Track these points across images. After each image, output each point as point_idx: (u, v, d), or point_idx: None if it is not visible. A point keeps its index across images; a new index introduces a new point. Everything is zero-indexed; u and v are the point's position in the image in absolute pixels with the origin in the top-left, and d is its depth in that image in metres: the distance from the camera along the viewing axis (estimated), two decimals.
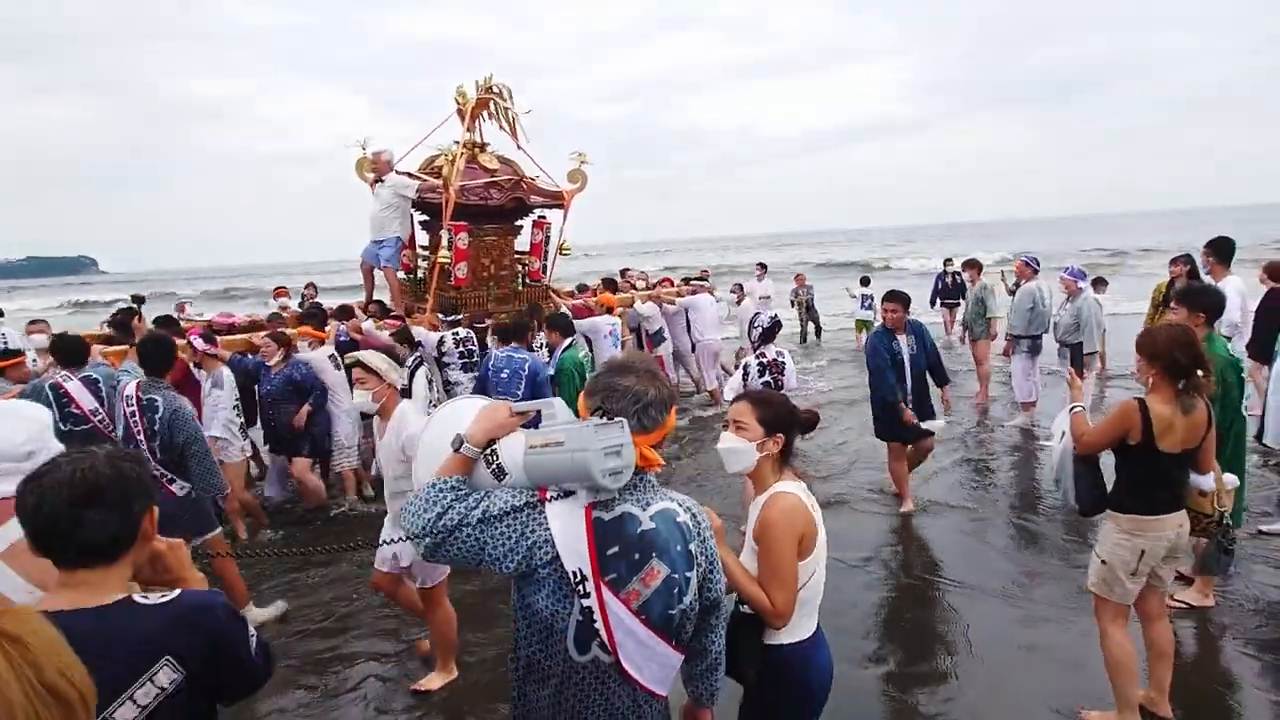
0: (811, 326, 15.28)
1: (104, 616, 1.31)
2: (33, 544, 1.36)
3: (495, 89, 7.68)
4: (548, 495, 1.63)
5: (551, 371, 5.80)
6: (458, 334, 6.38)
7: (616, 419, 1.63)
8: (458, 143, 7.66)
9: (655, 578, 1.63)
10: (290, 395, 5.75)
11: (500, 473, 1.67)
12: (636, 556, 1.63)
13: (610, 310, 8.01)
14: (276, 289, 10.76)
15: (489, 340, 6.38)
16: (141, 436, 4.08)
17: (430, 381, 5.74)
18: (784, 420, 2.20)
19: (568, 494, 1.63)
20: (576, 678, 1.64)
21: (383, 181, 7.20)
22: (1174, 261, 7.47)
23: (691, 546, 1.71)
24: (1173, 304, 4.41)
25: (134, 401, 4.13)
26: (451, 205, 7.09)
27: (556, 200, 8.03)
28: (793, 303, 15.35)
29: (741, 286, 12.54)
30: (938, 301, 14.46)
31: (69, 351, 4.80)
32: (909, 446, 5.67)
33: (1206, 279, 6.23)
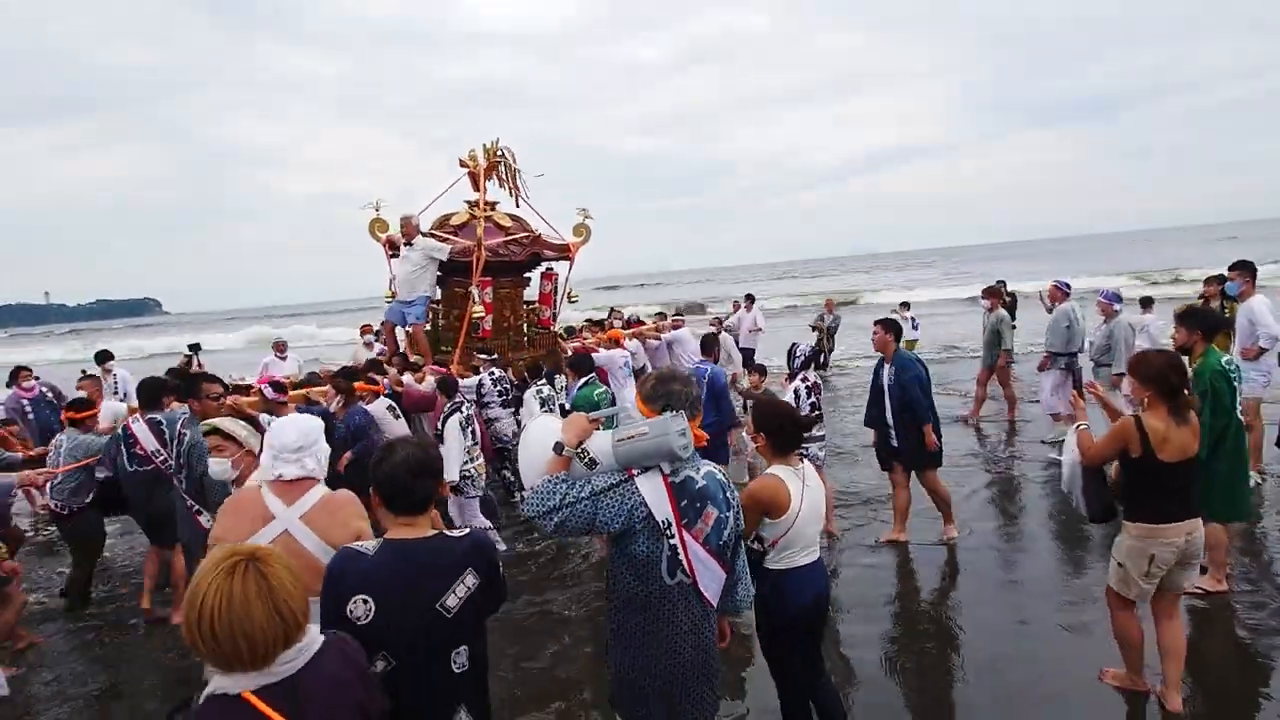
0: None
1: (431, 542, 2.09)
2: (382, 500, 2.12)
3: (502, 153, 8.30)
4: (634, 472, 2.31)
5: (568, 405, 6.28)
6: (494, 374, 7.06)
7: (679, 411, 2.34)
8: (469, 203, 8.27)
9: (710, 518, 2.35)
10: (346, 442, 5.91)
11: (592, 463, 2.33)
12: (698, 505, 2.34)
13: (619, 344, 8.60)
14: (363, 326, 11.60)
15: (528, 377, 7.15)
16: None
17: (464, 428, 5.92)
18: (766, 424, 3.06)
19: (645, 470, 2.31)
20: (668, 599, 2.32)
21: (411, 244, 7.67)
22: (1207, 282, 8.24)
23: (727, 495, 2.43)
24: (1174, 325, 4.92)
25: (154, 441, 4.67)
26: (482, 263, 7.66)
27: (563, 253, 8.61)
28: (814, 327, 15.53)
29: (737, 305, 14.16)
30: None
31: (146, 394, 5.20)
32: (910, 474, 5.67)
33: (1234, 296, 6.95)
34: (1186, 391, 3.41)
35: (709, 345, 7.07)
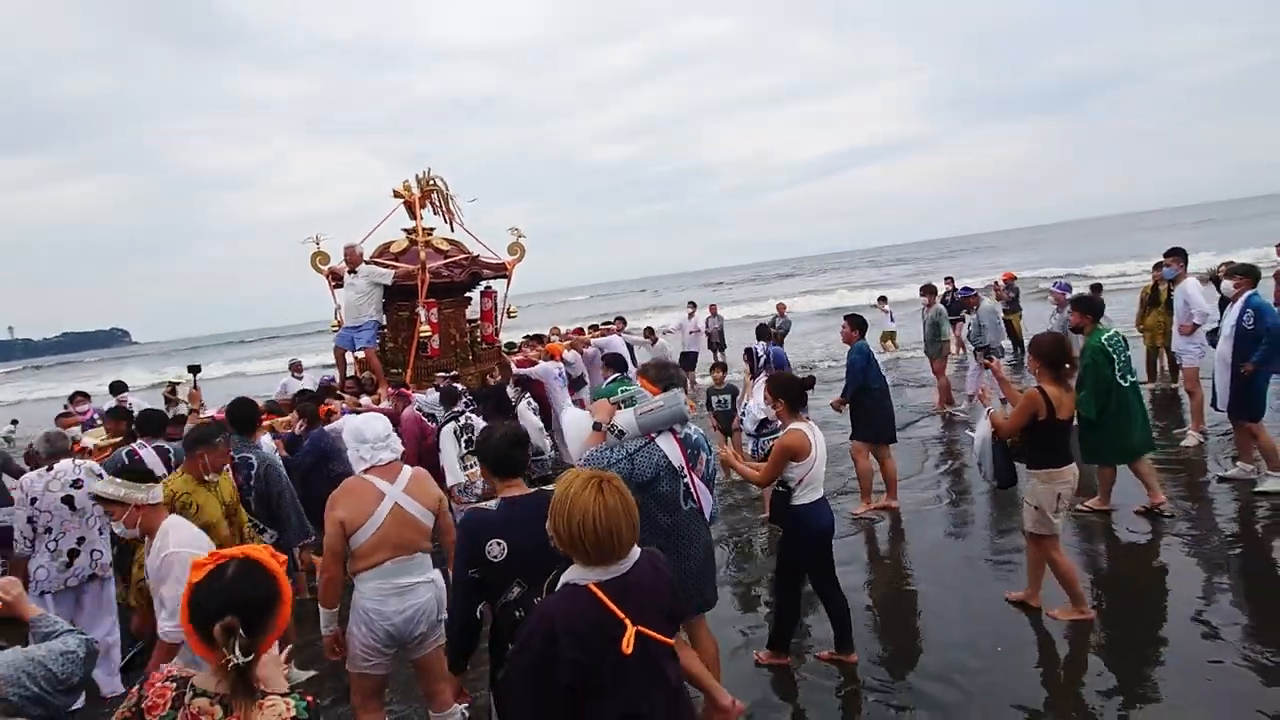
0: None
1: (534, 497, 2.68)
2: (489, 469, 2.78)
3: (434, 181, 8.78)
4: (652, 436, 3.23)
5: (592, 405, 6.78)
6: (457, 387, 7.35)
7: (677, 389, 3.39)
8: (406, 230, 8.71)
9: (703, 460, 3.38)
10: (316, 463, 6.02)
11: (620, 434, 3.18)
12: (695, 451, 3.36)
13: (554, 357, 9.16)
14: (292, 363, 12.40)
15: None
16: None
17: (458, 437, 6.07)
18: (784, 391, 4.13)
19: (660, 433, 3.26)
20: (684, 522, 3.27)
21: (355, 272, 8.07)
22: (1155, 267, 9.23)
23: (709, 444, 3.49)
24: (1069, 309, 6.37)
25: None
26: (426, 286, 8.11)
27: (500, 271, 9.12)
28: (771, 330, 16.05)
29: (694, 304, 15.65)
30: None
31: (147, 422, 5.50)
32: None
33: (1170, 280, 8.08)
34: (1069, 365, 4.39)
35: (764, 333, 8.92)
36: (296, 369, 11.88)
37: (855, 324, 6.77)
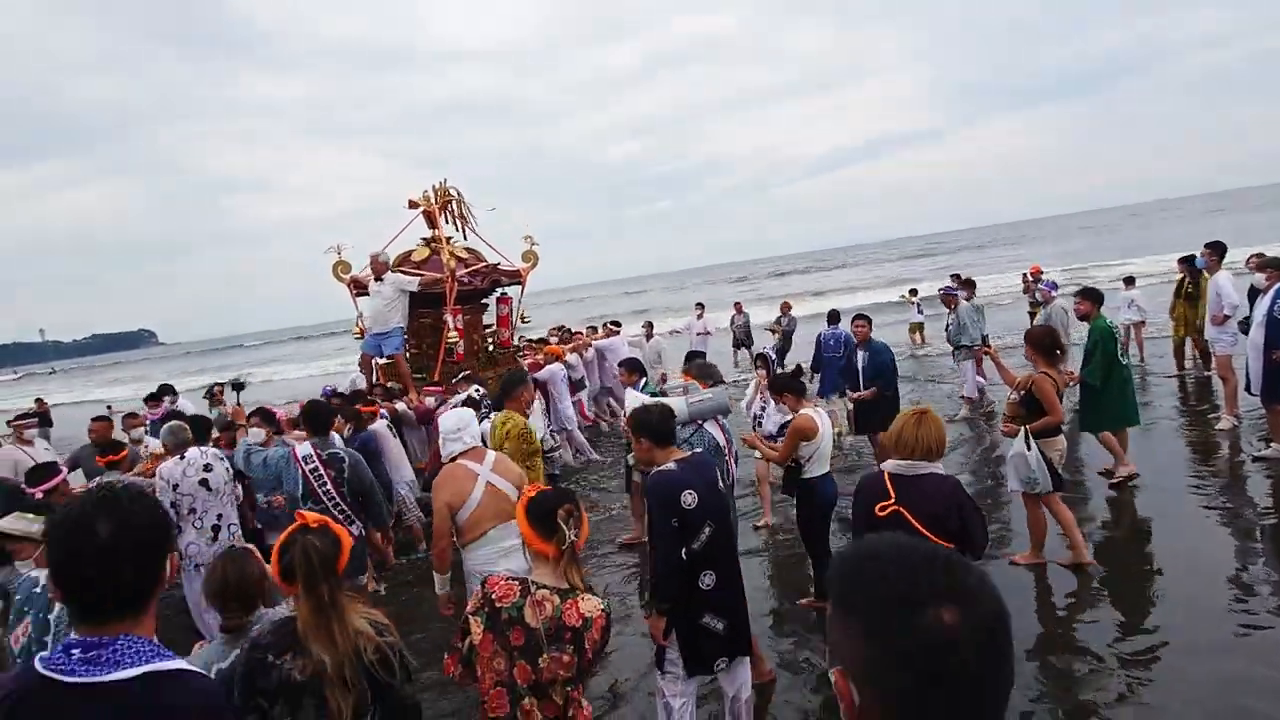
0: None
1: (693, 458, 3.34)
2: (653, 441, 3.34)
3: (451, 192, 8.93)
4: (700, 422, 4.09)
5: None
6: (480, 391, 7.68)
7: (723, 385, 4.53)
8: (425, 240, 8.85)
9: (731, 443, 4.25)
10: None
11: (673, 417, 3.65)
12: (730, 434, 4.27)
13: (559, 359, 9.35)
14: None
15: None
16: (330, 486, 4.79)
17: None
18: (788, 386, 5.22)
19: (705, 420, 4.12)
20: (725, 493, 3.57)
21: (382, 280, 8.18)
22: (1181, 260, 9.72)
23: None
24: (1075, 296, 7.00)
25: (314, 459, 4.83)
26: (454, 293, 8.26)
27: (515, 278, 9.25)
28: (772, 330, 16.03)
29: (701, 305, 16.07)
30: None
31: (205, 428, 5.72)
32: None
33: (1205, 270, 8.39)
34: (1059, 351, 5.19)
35: (834, 317, 10.20)
36: (364, 365, 11.81)
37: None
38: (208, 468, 5.07)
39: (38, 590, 2.51)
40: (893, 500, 3.11)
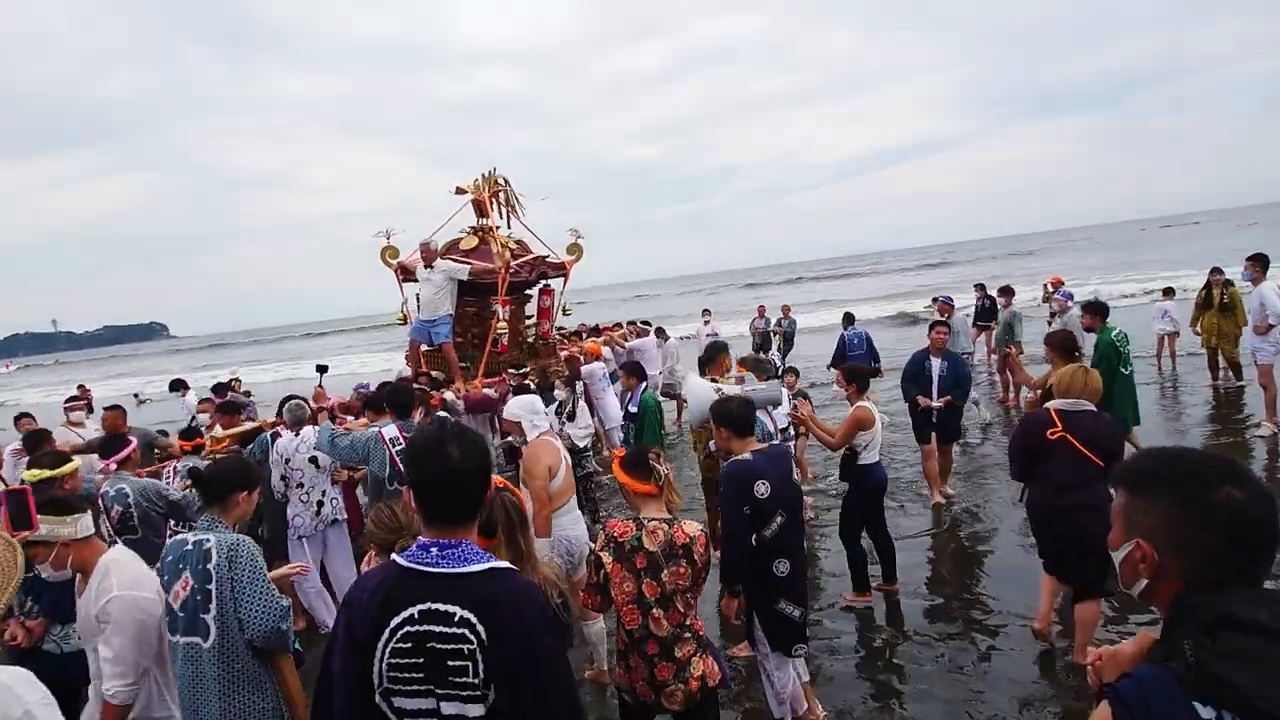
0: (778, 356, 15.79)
1: (774, 449, 3.71)
2: (732, 431, 3.54)
3: (501, 180, 8.99)
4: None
5: (634, 409, 7.16)
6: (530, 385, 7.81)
7: (777, 380, 5.52)
8: (473, 229, 8.94)
9: (780, 431, 5.26)
10: None
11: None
12: (776, 422, 5.11)
13: (598, 357, 9.47)
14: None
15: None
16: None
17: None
18: (855, 378, 5.36)
19: (758, 410, 4.20)
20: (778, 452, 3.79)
21: (431, 268, 8.21)
22: (1213, 271, 10.01)
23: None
24: (1082, 312, 7.63)
25: (400, 441, 5.06)
26: (506, 284, 8.31)
27: (560, 271, 9.34)
28: (773, 332, 16.11)
29: (709, 311, 16.57)
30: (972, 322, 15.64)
31: (294, 417, 5.86)
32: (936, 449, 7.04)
33: (1247, 283, 8.54)
34: (1077, 353, 5.54)
35: (850, 319, 11.81)
36: (412, 350, 11.96)
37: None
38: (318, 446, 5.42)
39: (189, 548, 2.64)
40: (1060, 429, 3.97)
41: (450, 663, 1.62)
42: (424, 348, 8.63)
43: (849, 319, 12.38)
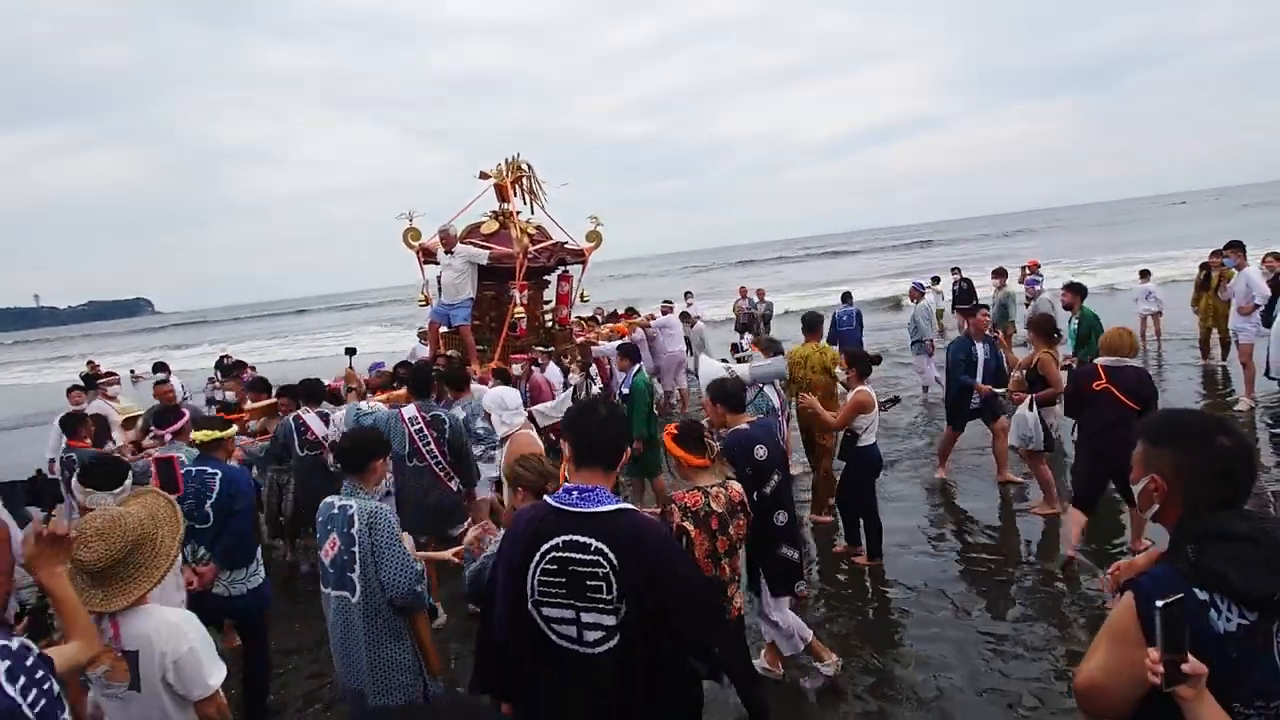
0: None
1: (763, 421, 4.18)
2: (727, 406, 4.01)
3: (523, 166, 9.22)
4: (760, 385, 5.37)
5: (626, 390, 7.18)
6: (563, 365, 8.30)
7: (781, 355, 5.83)
8: (494, 213, 9.19)
9: (785, 405, 5.86)
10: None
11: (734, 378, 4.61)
12: (783, 397, 5.77)
13: (623, 336, 9.78)
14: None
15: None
16: (433, 445, 5.16)
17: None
18: (858, 364, 5.61)
19: (766, 384, 5.42)
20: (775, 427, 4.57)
21: (452, 253, 8.47)
22: (1212, 254, 10.35)
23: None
24: (1062, 289, 8.09)
25: (419, 421, 5.21)
26: (524, 268, 8.55)
27: (578, 257, 9.60)
28: (751, 315, 16.29)
29: (690, 293, 16.78)
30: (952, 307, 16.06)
31: (309, 392, 6.20)
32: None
33: (1233, 268, 9.06)
34: (1056, 334, 6.23)
35: (847, 297, 12.67)
36: (424, 336, 11.78)
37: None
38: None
39: (335, 512, 3.00)
40: (1104, 381, 4.85)
41: (588, 582, 2.09)
42: (442, 329, 8.92)
43: (846, 298, 12.96)
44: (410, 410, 5.38)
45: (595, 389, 8.13)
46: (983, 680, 4.03)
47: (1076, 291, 7.92)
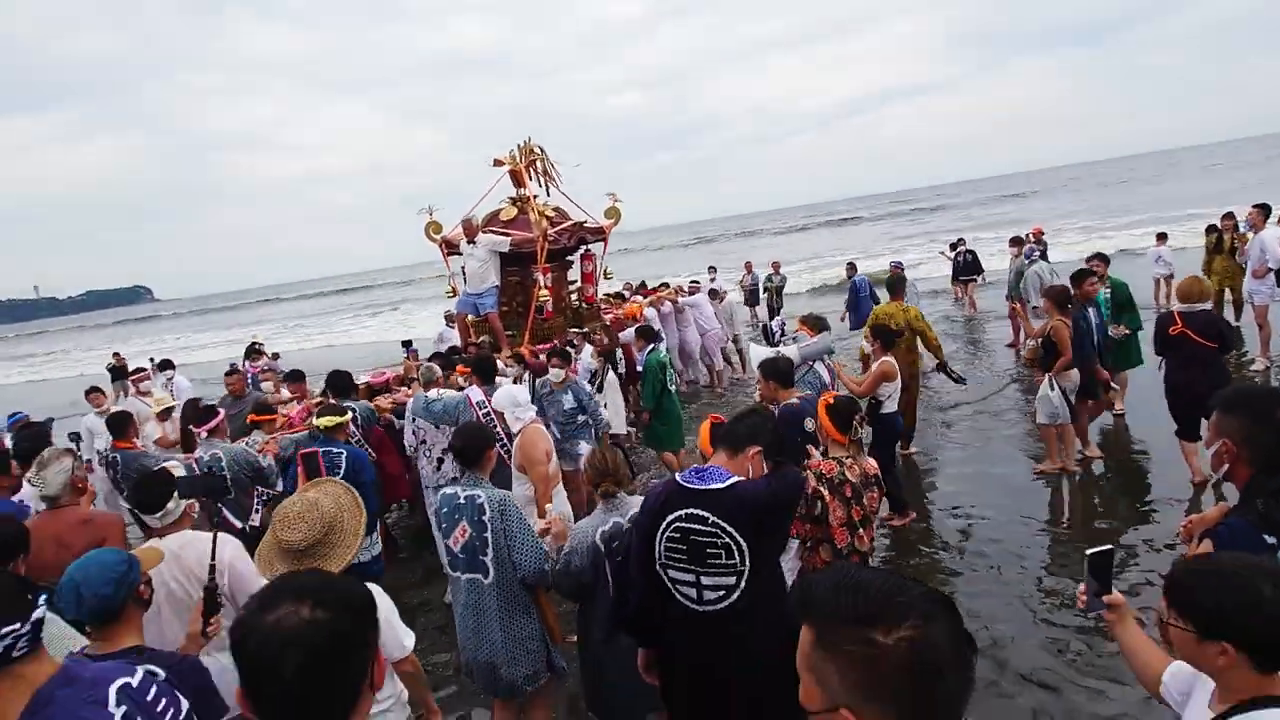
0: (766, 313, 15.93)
1: (808, 398, 4.48)
2: (778, 383, 4.55)
3: (536, 150, 9.28)
4: (810, 363, 5.55)
5: (640, 368, 7.49)
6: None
7: (827, 331, 6.02)
8: (512, 199, 9.26)
9: (834, 380, 5.77)
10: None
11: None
12: (832, 372, 5.80)
13: (636, 318, 9.79)
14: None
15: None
16: (499, 427, 5.26)
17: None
18: (881, 336, 6.03)
19: (815, 361, 5.61)
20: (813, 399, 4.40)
21: (474, 243, 8.56)
22: (1225, 216, 10.50)
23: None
24: (1093, 262, 7.79)
25: (486, 404, 5.53)
26: (545, 251, 8.64)
27: (599, 235, 9.65)
28: (764, 289, 16.40)
29: (713, 268, 16.85)
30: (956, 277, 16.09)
31: (335, 385, 6.22)
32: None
33: (1249, 230, 9.20)
34: (1070, 305, 6.30)
35: (853, 268, 13.63)
36: (451, 319, 11.91)
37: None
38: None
39: (461, 501, 3.20)
40: (1180, 326, 5.56)
41: (708, 550, 2.44)
42: (470, 318, 9.06)
43: (852, 268, 13.78)
44: (477, 394, 5.69)
45: (610, 375, 8.16)
46: (1032, 630, 4.25)
47: (1104, 260, 7.99)
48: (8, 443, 6.65)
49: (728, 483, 2.47)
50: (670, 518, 2.48)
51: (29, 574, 2.75)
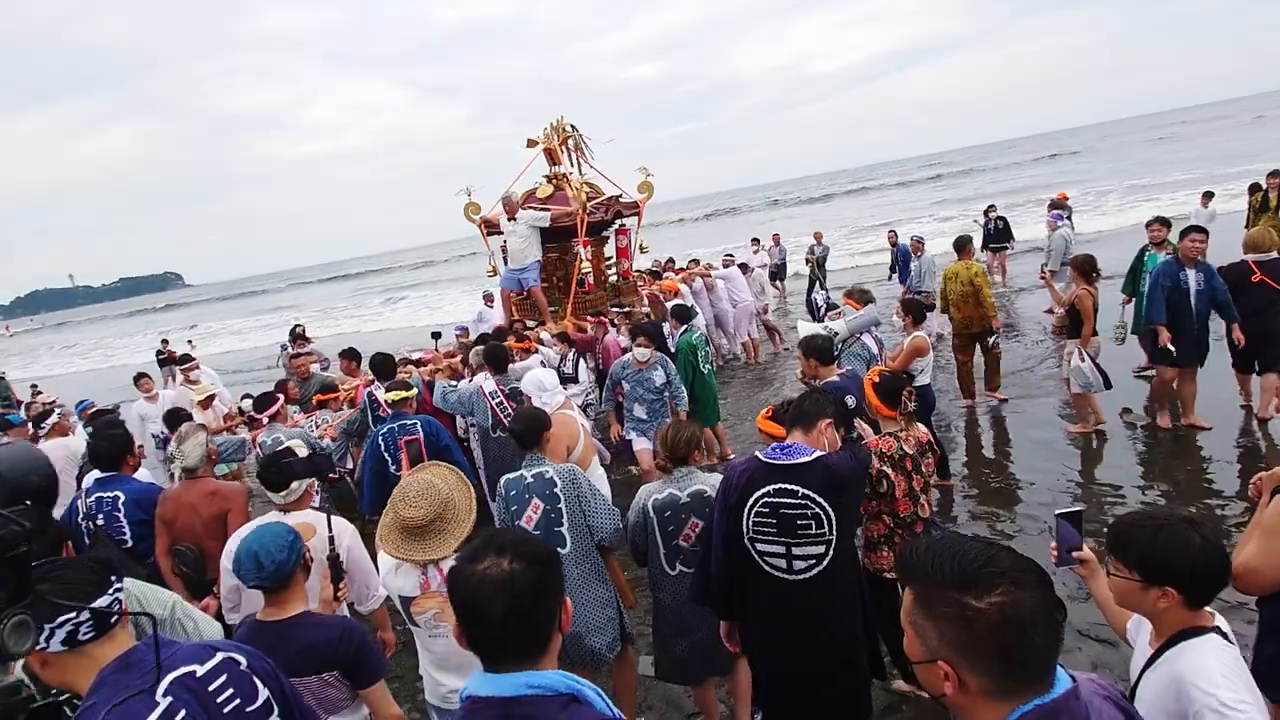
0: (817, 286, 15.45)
1: (849, 374, 4.67)
2: (819, 360, 4.61)
3: (569, 128, 9.35)
4: (859, 335, 5.57)
5: (672, 349, 7.32)
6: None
7: (872, 303, 5.98)
8: (547, 177, 9.35)
9: (883, 351, 5.92)
10: None
11: (833, 334, 5.20)
12: (880, 344, 5.91)
13: (676, 294, 9.79)
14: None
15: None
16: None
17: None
18: (912, 310, 6.09)
19: (863, 333, 5.63)
20: (853, 375, 4.62)
21: (515, 220, 8.67)
22: (1271, 174, 10.22)
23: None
24: (1154, 226, 7.49)
25: (499, 394, 5.61)
26: (585, 225, 8.73)
27: (633, 209, 9.70)
28: (806, 260, 16.35)
29: (757, 240, 16.46)
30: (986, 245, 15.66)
31: (378, 368, 6.15)
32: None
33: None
34: (1096, 273, 6.53)
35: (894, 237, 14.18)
36: (490, 299, 12.12)
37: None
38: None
39: (530, 480, 3.27)
40: (1258, 274, 5.94)
41: (798, 522, 2.56)
42: (514, 295, 9.20)
43: (892, 238, 14.38)
44: (490, 384, 5.71)
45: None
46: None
47: (1164, 225, 7.44)
48: (81, 430, 6.91)
49: (813, 456, 2.59)
50: (758, 494, 2.58)
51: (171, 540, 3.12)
